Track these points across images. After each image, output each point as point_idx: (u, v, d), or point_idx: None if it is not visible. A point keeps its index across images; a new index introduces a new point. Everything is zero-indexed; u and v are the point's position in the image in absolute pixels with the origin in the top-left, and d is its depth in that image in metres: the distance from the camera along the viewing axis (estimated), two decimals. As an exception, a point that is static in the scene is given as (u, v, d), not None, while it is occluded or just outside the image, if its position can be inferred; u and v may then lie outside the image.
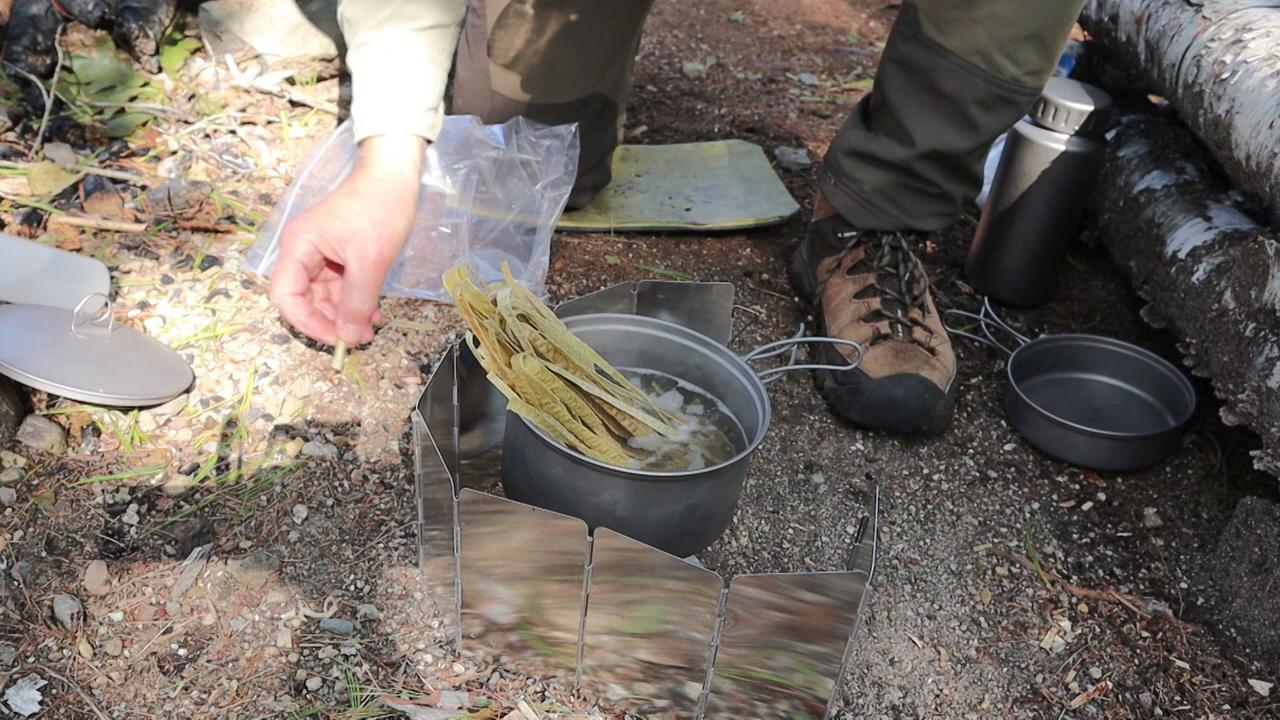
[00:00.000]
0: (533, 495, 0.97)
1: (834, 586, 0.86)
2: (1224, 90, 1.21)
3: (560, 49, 1.49)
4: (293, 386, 1.27)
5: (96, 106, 1.69)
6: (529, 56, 1.50)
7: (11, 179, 1.51)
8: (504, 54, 1.51)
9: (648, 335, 1.09)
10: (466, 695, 0.96)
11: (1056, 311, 1.62)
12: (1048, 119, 1.49)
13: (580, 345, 0.98)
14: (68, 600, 0.99)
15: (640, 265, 1.57)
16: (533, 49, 1.49)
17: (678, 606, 0.89)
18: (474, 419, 1.11)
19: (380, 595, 1.05)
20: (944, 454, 1.32)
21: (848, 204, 1.42)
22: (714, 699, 0.94)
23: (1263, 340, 1.16)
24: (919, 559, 1.18)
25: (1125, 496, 1.30)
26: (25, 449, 1.14)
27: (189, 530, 1.08)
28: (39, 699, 0.92)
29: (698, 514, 0.97)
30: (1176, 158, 1.57)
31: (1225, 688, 1.06)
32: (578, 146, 1.49)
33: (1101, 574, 1.19)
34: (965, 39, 1.28)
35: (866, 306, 1.38)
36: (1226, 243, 1.33)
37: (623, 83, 1.59)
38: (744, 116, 2.05)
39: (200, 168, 1.62)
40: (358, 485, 1.16)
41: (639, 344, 1.10)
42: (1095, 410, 1.39)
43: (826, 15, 2.61)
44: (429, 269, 1.45)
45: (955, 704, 1.03)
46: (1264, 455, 1.10)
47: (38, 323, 1.21)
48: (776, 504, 1.22)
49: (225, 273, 1.42)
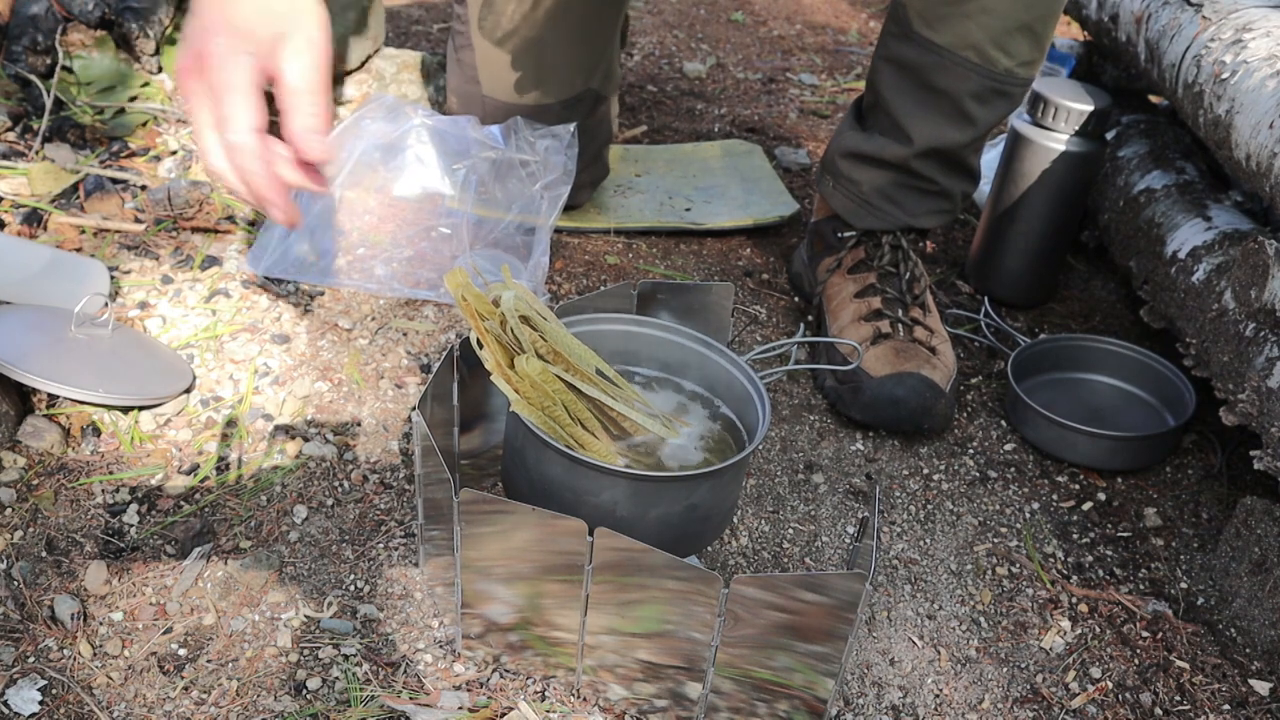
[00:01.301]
0: (533, 495, 0.97)
1: (834, 586, 0.86)
2: (1224, 90, 1.21)
3: (548, 47, 1.49)
4: (293, 386, 1.27)
5: (96, 106, 1.69)
6: (517, 58, 1.49)
7: (11, 179, 1.51)
8: (491, 57, 1.51)
9: (648, 335, 1.09)
10: (466, 695, 0.96)
11: (1056, 311, 1.62)
12: (1048, 119, 1.49)
13: (581, 347, 0.98)
14: (68, 600, 0.99)
15: (640, 265, 1.57)
16: (520, 50, 1.49)
17: (678, 606, 0.89)
18: (474, 419, 1.11)
19: (380, 595, 1.05)
20: (944, 454, 1.32)
21: (847, 205, 1.42)
22: (714, 699, 0.94)
23: (1263, 340, 1.16)
24: (919, 559, 1.18)
25: (1125, 496, 1.30)
26: (25, 449, 1.14)
27: (189, 530, 1.08)
28: (39, 699, 0.92)
29: (698, 514, 0.97)
30: (1176, 158, 1.57)
31: (1225, 688, 1.06)
32: (576, 146, 1.49)
33: (1101, 574, 1.19)
34: (957, 34, 1.28)
35: (867, 306, 1.38)
36: (1226, 243, 1.33)
37: (612, 76, 1.59)
38: (744, 116, 2.05)
39: (200, 168, 1.62)
40: (358, 485, 1.16)
41: (639, 344, 1.10)
42: (1095, 410, 1.39)
43: (826, 15, 2.61)
44: (429, 269, 1.45)
45: (955, 704, 1.03)
46: (1264, 455, 1.10)
47: (38, 323, 1.21)
48: (776, 504, 1.22)
49: (225, 273, 1.42)
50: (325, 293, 1.42)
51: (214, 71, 0.90)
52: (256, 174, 0.90)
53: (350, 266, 1.44)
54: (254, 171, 0.90)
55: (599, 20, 1.51)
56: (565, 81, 1.51)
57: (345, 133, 1.51)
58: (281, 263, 1.42)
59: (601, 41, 1.54)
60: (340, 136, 1.50)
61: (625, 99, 2.04)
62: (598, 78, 1.55)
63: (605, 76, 1.57)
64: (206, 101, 0.90)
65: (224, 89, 0.90)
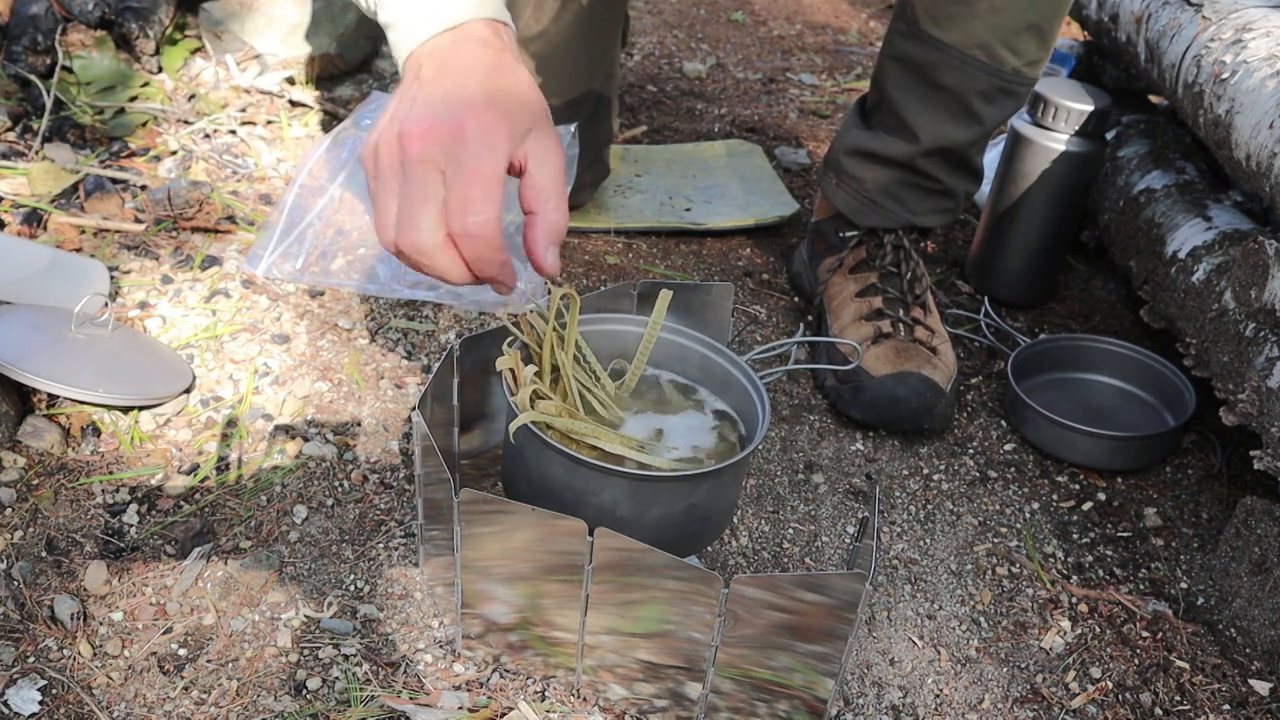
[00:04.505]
0: (533, 495, 0.97)
1: (834, 586, 0.86)
2: (1224, 90, 1.21)
3: (551, 48, 1.49)
4: (293, 386, 1.27)
5: (96, 106, 1.69)
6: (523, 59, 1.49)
7: (11, 179, 1.51)
8: None
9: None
10: (466, 695, 0.96)
11: (1056, 311, 1.62)
12: (1048, 119, 1.49)
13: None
14: (68, 600, 0.99)
15: (640, 265, 1.57)
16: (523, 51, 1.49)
17: (678, 606, 0.89)
18: (474, 419, 1.11)
19: (380, 595, 1.05)
20: (944, 454, 1.32)
21: (850, 203, 1.42)
22: (714, 699, 0.94)
23: (1263, 340, 1.16)
24: (919, 559, 1.18)
25: (1125, 496, 1.30)
26: (25, 449, 1.14)
27: (189, 530, 1.08)
28: (39, 699, 0.92)
29: (698, 514, 0.97)
30: (1176, 158, 1.57)
31: (1225, 688, 1.06)
32: (577, 146, 1.49)
33: (1101, 574, 1.19)
34: (965, 33, 1.28)
35: (868, 305, 1.38)
36: (1226, 243, 1.33)
37: (614, 76, 1.59)
38: (744, 116, 2.05)
39: (200, 168, 1.62)
40: (358, 485, 1.16)
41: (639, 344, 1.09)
42: (1095, 410, 1.39)
43: (826, 15, 2.61)
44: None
45: (955, 704, 1.03)
46: (1264, 455, 1.10)
47: (38, 323, 1.21)
48: (776, 504, 1.22)
49: (225, 273, 1.42)
50: (325, 293, 1.42)
51: (469, 149, 0.83)
52: (493, 261, 0.86)
53: (350, 266, 1.44)
54: (492, 260, 0.86)
55: (601, 22, 1.51)
56: (568, 83, 1.51)
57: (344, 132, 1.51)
58: (281, 263, 1.42)
59: (604, 43, 1.54)
60: (340, 136, 1.50)
61: (625, 99, 2.04)
62: (600, 79, 1.55)
63: (607, 77, 1.57)
64: (438, 174, 0.84)
65: (476, 172, 0.83)
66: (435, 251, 0.85)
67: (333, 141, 1.51)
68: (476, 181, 0.84)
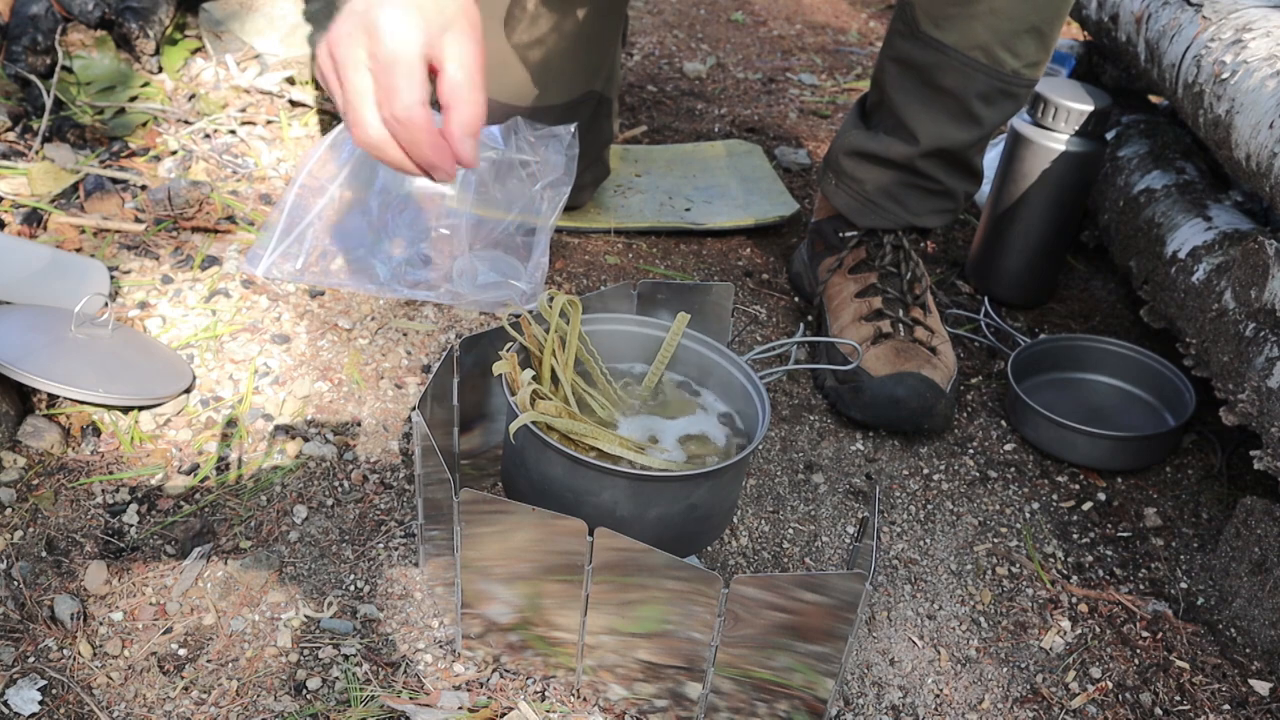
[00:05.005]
0: (533, 495, 0.97)
1: (834, 586, 0.86)
2: (1224, 90, 1.21)
3: (552, 50, 1.49)
4: (293, 386, 1.27)
5: (96, 106, 1.69)
6: (521, 60, 1.49)
7: (11, 179, 1.51)
8: (495, 60, 1.50)
9: (648, 335, 1.09)
10: (466, 695, 0.96)
11: (1056, 311, 1.62)
12: (1048, 119, 1.49)
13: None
14: (68, 600, 0.99)
15: (640, 265, 1.57)
16: (524, 53, 1.49)
17: (678, 606, 0.89)
18: (474, 419, 1.11)
19: (380, 595, 1.05)
20: (944, 454, 1.32)
21: (850, 204, 1.42)
22: (714, 699, 0.94)
23: (1263, 340, 1.16)
24: (919, 559, 1.18)
25: (1125, 496, 1.30)
26: (25, 449, 1.14)
27: (189, 530, 1.08)
28: (39, 699, 0.92)
29: (698, 514, 0.97)
30: (1176, 158, 1.57)
31: (1225, 688, 1.06)
32: (577, 146, 1.49)
33: (1101, 574, 1.19)
34: (965, 34, 1.28)
35: (868, 306, 1.38)
36: (1226, 243, 1.33)
37: (614, 77, 1.59)
38: (744, 116, 2.05)
39: (200, 168, 1.62)
40: (358, 485, 1.16)
41: (639, 344, 1.10)
42: (1095, 410, 1.39)
43: (826, 15, 2.61)
44: (429, 269, 1.45)
45: (955, 704, 1.03)
46: (1264, 455, 1.10)
47: (38, 323, 1.21)
48: (776, 504, 1.22)
49: (225, 273, 1.42)
50: (325, 293, 1.42)
51: (383, 41, 0.89)
52: (424, 144, 0.90)
53: (350, 266, 1.44)
54: (423, 143, 0.90)
55: (602, 23, 1.51)
56: (569, 84, 1.51)
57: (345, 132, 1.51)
58: (281, 263, 1.42)
59: (604, 44, 1.54)
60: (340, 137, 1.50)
61: (625, 99, 2.05)
62: (600, 79, 1.55)
63: (607, 78, 1.57)
64: (366, 72, 0.90)
65: (393, 60, 0.89)
66: (385, 144, 0.91)
67: (333, 141, 1.50)
68: (395, 69, 0.89)
